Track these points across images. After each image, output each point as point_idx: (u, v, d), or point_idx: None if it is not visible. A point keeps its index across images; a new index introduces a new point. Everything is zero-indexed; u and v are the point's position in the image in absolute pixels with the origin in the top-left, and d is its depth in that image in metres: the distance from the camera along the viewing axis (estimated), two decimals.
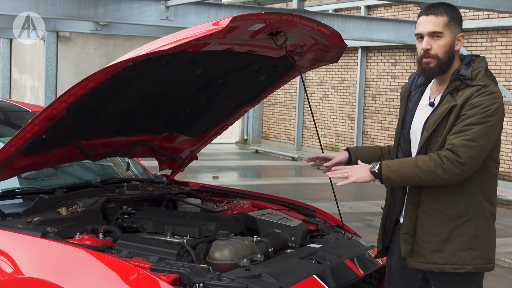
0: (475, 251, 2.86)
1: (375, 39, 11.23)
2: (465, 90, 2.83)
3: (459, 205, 2.85)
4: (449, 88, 2.87)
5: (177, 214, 3.60)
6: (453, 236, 2.85)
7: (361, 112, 14.30)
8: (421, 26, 2.89)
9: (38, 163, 3.40)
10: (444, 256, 2.86)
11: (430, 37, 2.86)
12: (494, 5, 8.34)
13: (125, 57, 2.75)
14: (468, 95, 2.81)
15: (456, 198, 2.85)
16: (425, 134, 2.87)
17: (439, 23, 2.85)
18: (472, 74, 2.85)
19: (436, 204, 2.87)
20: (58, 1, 8.56)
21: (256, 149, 17.16)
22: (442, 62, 2.87)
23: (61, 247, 2.83)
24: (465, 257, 2.85)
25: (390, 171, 2.79)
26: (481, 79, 2.83)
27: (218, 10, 9.59)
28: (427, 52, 2.86)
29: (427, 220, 2.89)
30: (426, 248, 2.89)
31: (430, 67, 2.87)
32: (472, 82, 2.83)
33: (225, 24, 2.69)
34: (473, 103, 2.78)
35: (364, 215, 9.05)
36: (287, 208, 3.99)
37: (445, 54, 2.86)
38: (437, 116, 2.85)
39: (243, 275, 2.68)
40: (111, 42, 17.15)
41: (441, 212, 2.86)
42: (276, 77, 3.78)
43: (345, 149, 3.26)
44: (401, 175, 2.79)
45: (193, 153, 4.27)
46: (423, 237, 2.89)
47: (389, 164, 2.81)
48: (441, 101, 2.87)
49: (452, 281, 2.91)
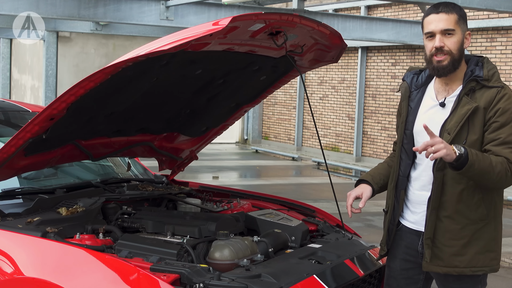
0: (492, 253, 2.89)
1: (375, 39, 11.22)
2: (482, 90, 2.84)
3: (480, 208, 2.85)
4: (465, 89, 2.86)
5: (177, 214, 3.60)
6: (473, 239, 2.86)
7: (361, 112, 14.30)
8: (433, 24, 2.86)
9: (38, 163, 3.40)
10: (464, 260, 2.86)
11: (443, 35, 2.84)
12: (494, 5, 8.33)
13: (125, 57, 2.75)
14: (489, 98, 2.81)
15: (478, 201, 2.85)
16: (446, 136, 2.83)
17: (451, 20, 2.84)
18: (489, 75, 2.85)
19: (459, 208, 2.85)
20: (58, 1, 8.55)
21: (256, 149, 17.16)
22: (455, 59, 2.85)
23: (61, 247, 2.83)
24: (483, 259, 2.87)
25: (474, 159, 2.67)
26: (497, 80, 2.85)
27: (218, 10, 9.59)
28: (441, 50, 2.84)
29: (450, 224, 2.87)
30: (447, 252, 2.87)
31: (443, 65, 2.85)
32: (488, 83, 2.84)
33: (225, 24, 2.69)
34: (502, 108, 2.79)
35: (364, 215, 9.05)
36: (287, 208, 3.99)
37: (457, 51, 2.85)
38: (459, 118, 2.82)
39: (243, 275, 2.68)
40: (111, 42, 17.15)
41: (464, 216, 2.85)
42: (276, 77, 3.78)
43: (360, 181, 3.15)
44: (481, 167, 2.70)
45: (193, 153, 4.27)
46: (444, 241, 2.88)
47: (473, 152, 2.69)
48: (459, 102, 2.85)
49: (459, 281, 2.91)
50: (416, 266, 3.03)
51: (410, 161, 3.00)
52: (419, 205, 2.97)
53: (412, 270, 3.05)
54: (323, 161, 3.05)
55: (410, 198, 3.02)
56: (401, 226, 3.06)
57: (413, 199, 3.00)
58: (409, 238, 3.02)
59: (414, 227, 3.00)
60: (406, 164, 3.01)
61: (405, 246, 3.04)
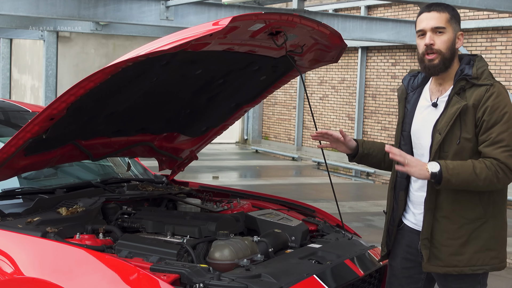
0: (492, 251, 2.88)
1: (375, 39, 11.22)
2: (472, 89, 2.84)
3: (478, 208, 2.85)
4: (455, 89, 2.86)
5: (177, 214, 3.60)
6: (471, 238, 2.86)
7: (361, 112, 14.29)
8: (424, 22, 2.88)
9: (38, 163, 3.40)
10: (463, 259, 2.86)
11: (433, 33, 2.86)
12: (494, 5, 8.34)
13: (125, 57, 2.75)
14: (478, 96, 2.81)
15: (475, 201, 2.85)
16: (438, 136, 2.84)
17: (442, 18, 2.86)
18: (478, 73, 2.85)
19: (455, 207, 2.85)
20: (58, 1, 8.55)
21: (256, 149, 17.16)
22: (446, 58, 2.86)
23: (61, 247, 2.83)
24: (483, 258, 2.86)
25: (449, 174, 2.72)
26: (487, 78, 2.84)
27: (218, 10, 9.58)
28: (430, 47, 2.85)
29: (447, 224, 2.87)
30: (445, 251, 2.88)
31: (434, 64, 2.86)
32: (478, 81, 2.83)
33: (225, 24, 2.69)
34: (491, 107, 2.78)
35: (364, 215, 9.05)
36: (287, 208, 3.99)
37: (448, 50, 2.86)
38: (449, 117, 2.83)
39: (243, 275, 2.68)
40: (111, 42, 17.15)
41: (461, 216, 2.86)
42: (276, 77, 3.78)
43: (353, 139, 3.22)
44: (460, 179, 2.74)
45: (193, 153, 4.27)
46: (442, 241, 2.88)
47: (449, 166, 2.73)
48: (449, 102, 2.86)
49: (458, 280, 2.91)
50: (416, 265, 3.03)
51: None
52: (418, 205, 2.99)
53: (412, 269, 3.05)
54: (323, 161, 3.04)
55: (411, 199, 3.03)
56: (403, 225, 3.06)
57: (413, 199, 3.02)
58: (410, 237, 3.03)
59: (414, 227, 3.02)
60: None
61: (406, 245, 3.05)
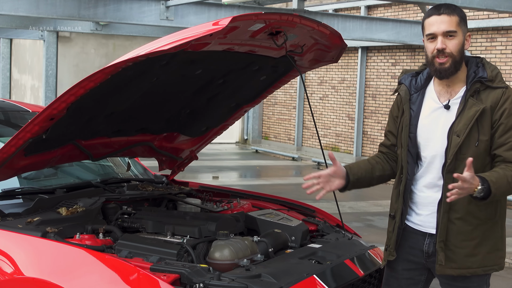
0: (500, 251, 2.92)
1: (375, 39, 11.22)
2: (487, 91, 2.85)
3: (489, 208, 2.86)
4: (470, 91, 2.86)
5: (177, 214, 3.60)
6: (484, 239, 2.87)
7: (361, 112, 14.29)
8: (434, 26, 2.84)
9: (38, 163, 3.40)
10: (477, 260, 2.87)
11: (444, 37, 2.83)
12: (494, 5, 8.33)
13: (125, 57, 2.75)
14: (495, 98, 2.83)
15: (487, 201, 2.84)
16: (456, 139, 2.83)
17: (453, 22, 2.83)
18: (492, 75, 2.86)
19: (470, 208, 2.85)
20: (58, 1, 8.55)
21: (256, 149, 17.16)
22: (457, 61, 2.85)
23: (61, 247, 2.83)
24: (493, 258, 2.89)
25: (495, 188, 2.71)
26: (501, 80, 2.87)
27: (218, 10, 9.58)
28: (443, 52, 2.83)
29: (463, 225, 2.87)
30: (459, 253, 2.88)
31: (445, 67, 2.84)
32: (493, 84, 2.85)
33: (225, 24, 2.69)
34: (509, 110, 2.80)
35: (364, 215, 9.05)
36: (287, 208, 3.99)
37: (459, 53, 2.85)
38: (467, 120, 2.82)
39: (243, 275, 2.68)
40: (111, 42, 17.15)
41: (475, 217, 2.86)
42: (276, 77, 3.78)
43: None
44: (500, 192, 2.74)
45: (193, 153, 4.27)
46: (457, 243, 2.88)
47: (493, 180, 2.71)
48: (465, 104, 2.85)
49: (466, 280, 2.91)
50: (418, 267, 3.02)
51: (416, 164, 2.99)
52: (425, 206, 2.96)
53: (414, 270, 3.04)
54: (323, 161, 3.05)
55: (414, 200, 3.00)
56: (405, 227, 3.04)
57: (418, 200, 2.99)
58: (414, 239, 3.01)
59: (419, 228, 2.99)
60: (412, 167, 2.99)
61: (409, 247, 3.03)
